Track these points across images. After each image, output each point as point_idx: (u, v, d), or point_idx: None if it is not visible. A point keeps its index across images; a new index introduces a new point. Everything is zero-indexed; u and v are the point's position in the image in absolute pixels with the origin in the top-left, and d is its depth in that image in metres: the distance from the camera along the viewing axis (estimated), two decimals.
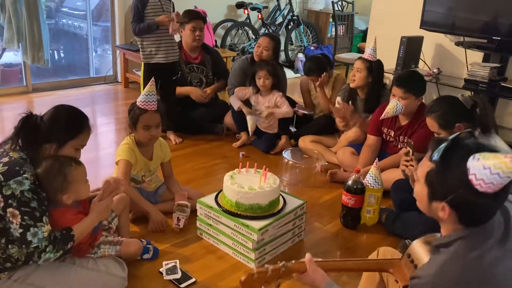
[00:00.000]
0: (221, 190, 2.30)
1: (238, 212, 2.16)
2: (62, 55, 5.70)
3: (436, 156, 1.13)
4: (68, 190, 1.73)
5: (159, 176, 2.64)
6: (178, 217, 2.36)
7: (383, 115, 2.83)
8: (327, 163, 3.30)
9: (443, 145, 1.12)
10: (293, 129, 3.86)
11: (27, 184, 1.61)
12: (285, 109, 3.54)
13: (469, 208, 1.10)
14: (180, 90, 3.77)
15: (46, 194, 1.70)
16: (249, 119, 3.55)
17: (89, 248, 1.88)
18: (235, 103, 3.61)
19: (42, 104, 4.60)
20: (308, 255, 1.42)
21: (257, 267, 1.39)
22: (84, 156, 1.88)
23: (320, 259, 1.45)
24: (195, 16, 3.70)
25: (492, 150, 1.10)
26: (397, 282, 1.50)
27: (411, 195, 2.20)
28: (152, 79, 2.43)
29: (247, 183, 2.19)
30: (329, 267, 1.44)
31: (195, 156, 3.43)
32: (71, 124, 1.80)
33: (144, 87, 3.46)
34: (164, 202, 2.56)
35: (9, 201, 1.59)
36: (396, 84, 2.78)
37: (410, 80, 2.80)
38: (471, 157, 1.07)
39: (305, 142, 3.53)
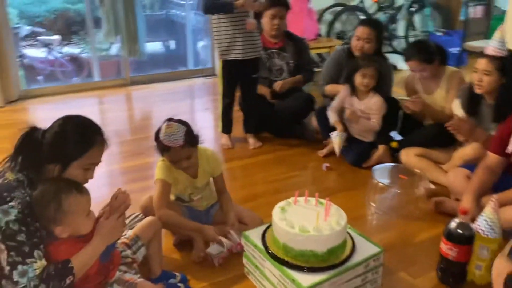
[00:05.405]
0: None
1: (286, 259, 1.66)
2: (163, 47, 5.71)
3: None
4: (62, 222, 1.44)
5: (214, 192, 2.25)
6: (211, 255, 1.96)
7: None
8: (433, 187, 2.58)
9: None
10: (397, 137, 3.15)
11: (13, 213, 1.37)
12: (373, 123, 2.91)
13: None
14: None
15: (40, 224, 1.44)
16: (335, 137, 2.95)
17: (99, 286, 1.57)
18: (331, 117, 3.03)
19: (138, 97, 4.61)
20: None
21: None
22: None
23: None
24: (276, 3, 3.23)
25: None
26: None
27: None
28: None
29: (300, 220, 1.67)
30: None
31: (271, 165, 2.99)
32: (74, 142, 1.50)
33: (223, 85, 3.15)
34: (215, 224, 2.17)
35: None
36: None
37: None
38: None
39: (408, 155, 2.82)
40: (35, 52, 5.35)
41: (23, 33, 5.35)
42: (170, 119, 1.95)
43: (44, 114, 4.02)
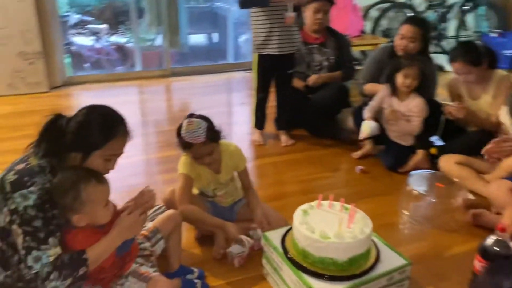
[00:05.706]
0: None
1: (304, 265, 1.59)
2: (206, 39, 5.72)
3: None
4: (80, 210, 1.44)
5: (238, 188, 2.21)
6: (231, 255, 1.92)
7: None
8: (472, 198, 2.42)
9: None
10: (437, 142, 2.99)
11: (32, 198, 1.38)
12: (414, 123, 2.76)
13: None
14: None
15: (59, 211, 1.45)
16: (366, 123, 2.81)
17: (114, 277, 1.57)
18: (365, 113, 2.90)
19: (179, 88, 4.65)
20: None
21: None
22: None
23: None
24: None
25: None
26: None
27: None
28: None
29: (322, 225, 1.60)
30: None
31: (302, 164, 2.91)
32: (97, 131, 1.49)
33: (257, 80, 3.10)
34: (239, 221, 2.13)
35: (13, 216, 1.39)
36: None
37: None
38: None
39: (448, 162, 2.66)
40: (83, 40, 5.51)
41: (72, 21, 5.52)
42: (191, 115, 1.92)
43: (85, 100, 4.07)
